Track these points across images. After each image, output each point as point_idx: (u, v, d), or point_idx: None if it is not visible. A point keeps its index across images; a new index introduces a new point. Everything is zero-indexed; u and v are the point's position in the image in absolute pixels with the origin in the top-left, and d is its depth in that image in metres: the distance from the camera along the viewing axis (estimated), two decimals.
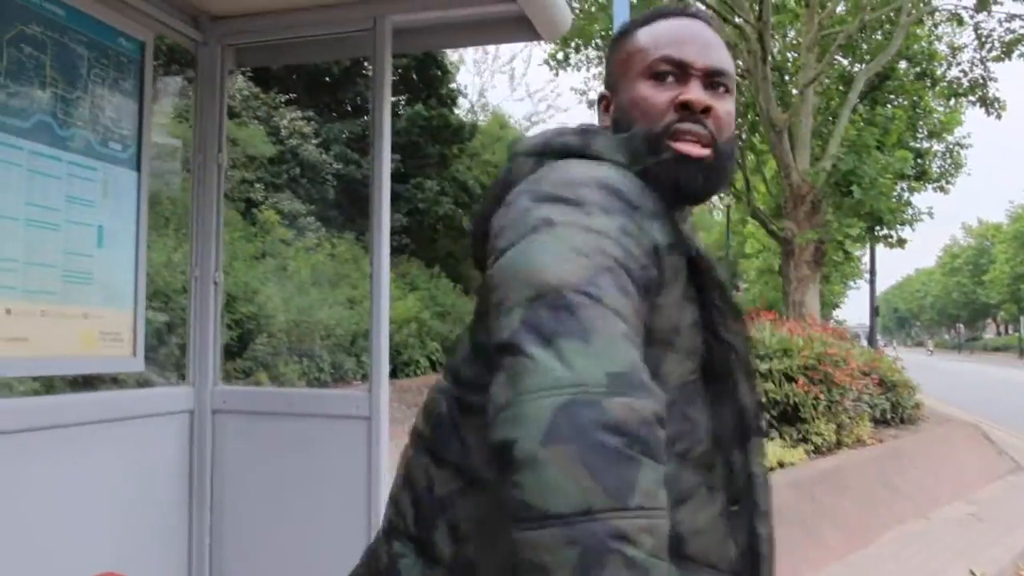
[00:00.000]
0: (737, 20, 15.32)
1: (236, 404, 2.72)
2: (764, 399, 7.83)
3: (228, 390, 2.78)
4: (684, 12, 1.25)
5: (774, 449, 7.45)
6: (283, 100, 14.27)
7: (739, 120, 19.41)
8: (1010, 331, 77.98)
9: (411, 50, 6.22)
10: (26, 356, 2.14)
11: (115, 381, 5.05)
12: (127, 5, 2.47)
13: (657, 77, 1.18)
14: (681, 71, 1.17)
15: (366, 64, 15.67)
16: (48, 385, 4.85)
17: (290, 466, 2.61)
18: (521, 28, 2.72)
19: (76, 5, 2.30)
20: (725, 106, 1.18)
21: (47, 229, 2.18)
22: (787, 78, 17.39)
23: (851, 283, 37.19)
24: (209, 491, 2.70)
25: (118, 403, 2.48)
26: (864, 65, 16.47)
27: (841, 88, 17.06)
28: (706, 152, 1.15)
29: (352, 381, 10.30)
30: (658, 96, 1.16)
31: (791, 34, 18.21)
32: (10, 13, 2.10)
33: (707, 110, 1.15)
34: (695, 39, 1.20)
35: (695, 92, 1.15)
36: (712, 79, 1.18)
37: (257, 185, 12.02)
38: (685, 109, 1.14)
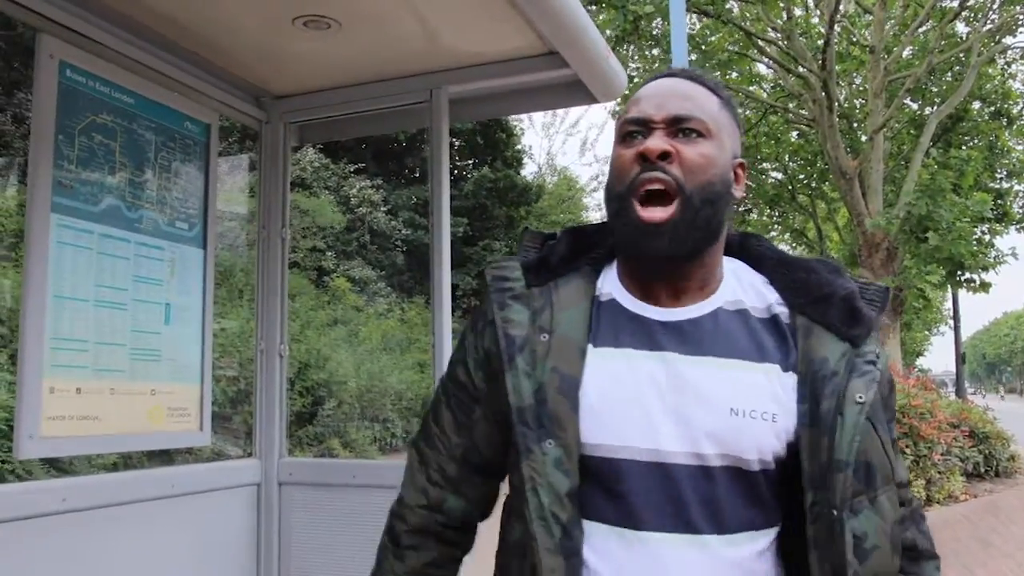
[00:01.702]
0: (801, 70, 15.22)
1: (303, 476, 2.73)
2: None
3: (294, 462, 2.79)
4: (665, 73, 1.28)
5: None
6: (352, 170, 14.64)
7: (808, 169, 19.19)
8: None
9: (469, 119, 6.33)
10: (96, 434, 2.18)
11: (190, 452, 5.13)
12: (193, 90, 2.56)
13: (625, 139, 1.20)
14: (644, 127, 1.19)
15: None
16: (126, 457, 4.96)
17: (357, 538, 2.59)
18: (576, 92, 2.73)
19: (145, 93, 2.39)
20: (697, 149, 1.17)
21: (116, 309, 2.24)
22: (855, 125, 17.14)
23: (934, 330, 35.98)
24: (276, 564, 2.70)
25: (185, 478, 2.50)
26: (935, 108, 16.15)
27: (912, 132, 16.73)
28: (667, 213, 1.14)
29: None
30: (624, 154, 1.19)
31: (857, 81, 17.99)
32: (83, 104, 2.19)
33: (665, 155, 1.15)
34: (658, 94, 1.22)
35: (652, 141, 1.16)
36: (678, 127, 1.18)
37: (328, 253, 12.28)
38: (644, 159, 1.16)
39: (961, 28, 16.47)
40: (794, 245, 24.76)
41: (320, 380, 8.51)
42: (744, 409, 1.12)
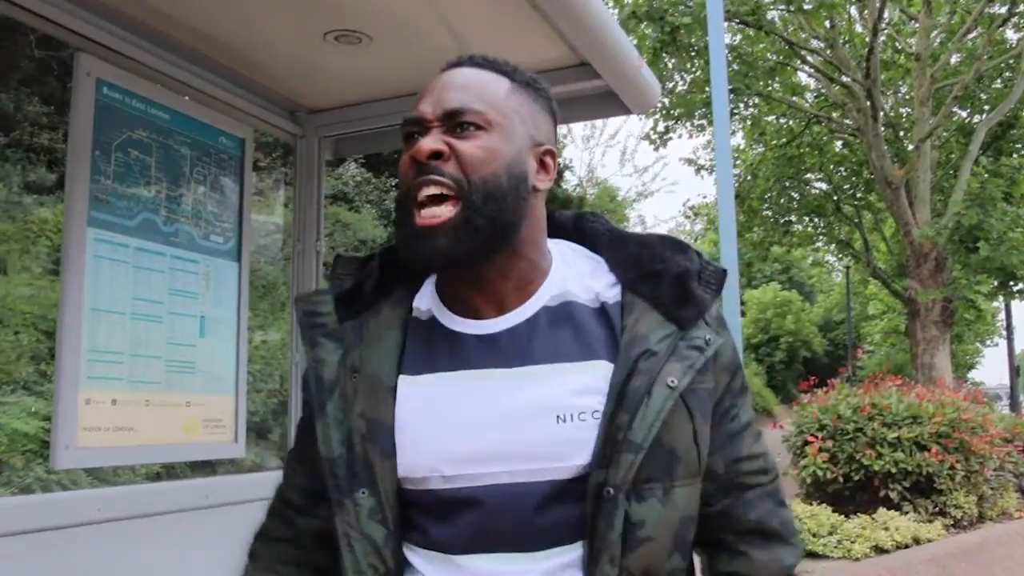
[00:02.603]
0: (844, 79, 15.03)
1: None
2: (894, 469, 7.38)
3: None
4: (452, 63, 1.19)
5: (908, 524, 6.99)
6: (394, 183, 14.75)
7: (853, 179, 18.90)
8: None
9: None
10: (132, 445, 2.21)
11: (233, 463, 5.19)
12: (227, 105, 2.60)
13: (407, 141, 1.13)
14: (420, 127, 1.12)
15: None
16: (169, 468, 5.04)
17: None
18: (610, 103, 2.71)
19: (180, 109, 2.43)
20: (475, 143, 1.09)
21: (151, 322, 2.27)
22: (901, 134, 16.85)
23: (987, 342, 35.15)
24: None
25: (222, 488, 2.52)
26: (984, 115, 15.82)
27: (961, 140, 16.40)
28: (443, 215, 1.06)
29: None
30: (404, 158, 1.11)
31: (903, 89, 17.70)
32: (119, 120, 2.23)
33: (437, 155, 1.08)
34: (437, 89, 1.14)
35: (423, 142, 1.08)
36: (454, 121, 1.10)
37: None
38: (417, 163, 1.08)
39: (1011, 35, 16.15)
40: (840, 256, 24.39)
41: None
42: (572, 414, 1.07)
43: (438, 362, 1.13)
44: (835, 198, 19.58)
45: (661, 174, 52.94)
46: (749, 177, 17.92)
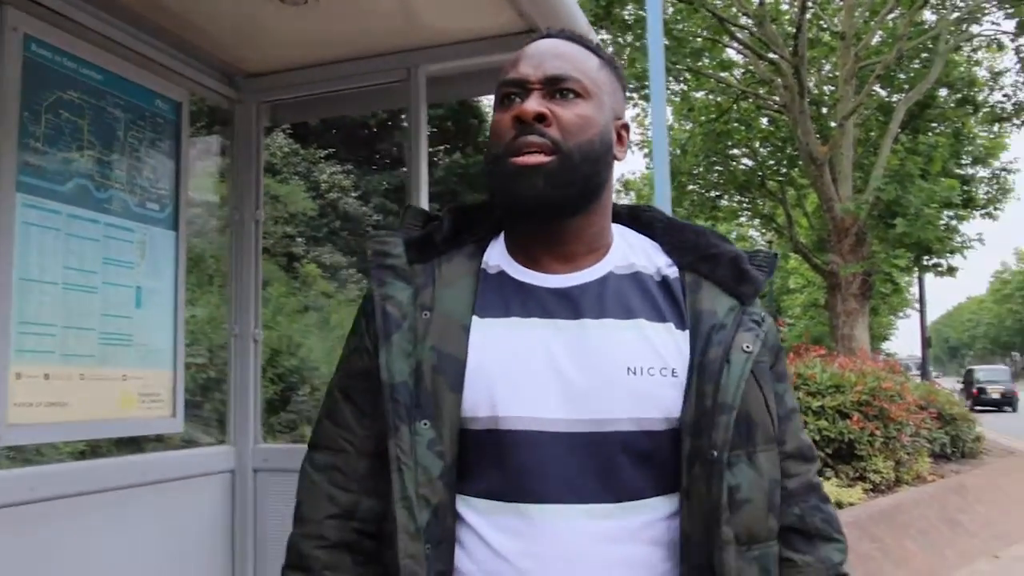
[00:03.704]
0: (772, 56, 15.28)
1: (278, 462, 2.68)
2: (817, 437, 7.62)
3: (270, 448, 2.74)
4: (542, 35, 1.25)
5: (830, 488, 7.23)
6: (322, 155, 14.49)
7: (778, 155, 19.31)
8: None
9: (446, 99, 6.27)
10: (65, 420, 2.12)
11: (160, 440, 5.06)
12: (162, 67, 2.49)
13: (504, 102, 1.19)
14: (521, 89, 1.17)
15: (402, 116, 15.82)
16: (94, 445, 4.87)
17: None
18: None
19: (113, 69, 2.32)
20: (573, 110, 1.15)
21: (85, 292, 2.17)
22: (826, 111, 17.26)
23: (900, 314, 36.50)
24: (252, 553, 2.65)
25: (157, 465, 2.45)
26: (904, 95, 16.30)
27: (881, 119, 16.89)
28: (547, 159, 1.12)
29: None
30: (504, 117, 1.17)
31: (827, 67, 18.10)
32: (49, 81, 2.12)
33: (542, 118, 1.13)
34: (536, 55, 1.19)
35: (528, 104, 1.14)
36: (556, 87, 1.16)
37: (299, 239, 12.16)
38: (521, 122, 1.14)
39: (929, 16, 16.63)
40: (763, 231, 24.95)
41: (292, 367, 8.43)
42: (642, 367, 1.11)
43: (512, 308, 1.16)
44: (760, 174, 20.00)
45: None
46: (678, 152, 18.14)
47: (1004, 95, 17.75)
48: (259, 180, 2.86)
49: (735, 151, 20.00)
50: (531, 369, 1.11)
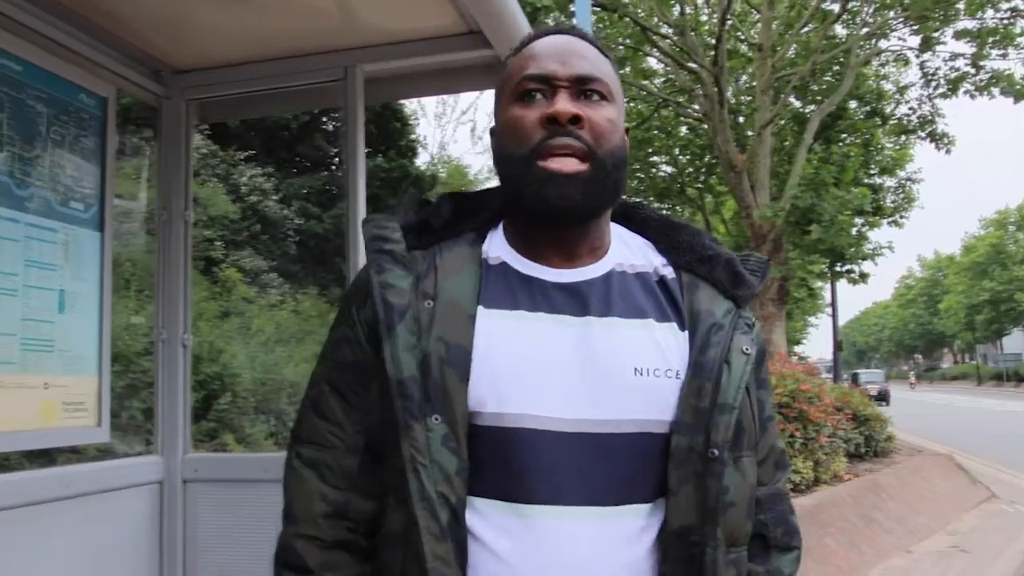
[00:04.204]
0: (692, 65, 15.58)
1: (208, 472, 2.58)
2: None
3: (200, 458, 2.64)
4: (554, 30, 1.22)
5: None
6: (242, 157, 14.16)
7: (697, 162, 19.71)
8: (966, 359, 79.43)
9: (382, 100, 6.18)
10: None
11: (75, 452, 4.84)
12: (87, 60, 2.38)
13: (525, 97, 1.13)
14: (547, 86, 1.13)
15: (324, 119, 15.60)
16: (4, 458, 4.63)
17: (269, 535, 2.46)
18: (499, 74, 2.67)
19: (34, 61, 2.20)
20: (603, 113, 1.13)
21: (4, 295, 2.05)
22: (743, 120, 17.68)
23: (812, 319, 37.66)
24: (181, 567, 2.55)
25: (81, 477, 2.33)
26: (817, 106, 16.81)
27: (796, 129, 17.38)
28: (582, 167, 1.09)
29: None
30: (527, 115, 1.12)
31: (744, 78, 18.57)
32: None
33: (576, 120, 1.10)
34: (559, 51, 1.15)
35: (561, 103, 1.10)
36: (584, 87, 1.13)
37: (218, 243, 11.85)
38: (553, 123, 1.10)
39: (841, 30, 17.20)
40: None
41: (213, 373, 8.18)
42: (649, 368, 1.09)
43: (518, 301, 1.13)
44: (679, 181, 20.37)
45: None
46: None
47: (909, 108, 18.48)
48: (188, 179, 2.77)
49: (655, 158, 20.34)
50: (539, 366, 1.08)
